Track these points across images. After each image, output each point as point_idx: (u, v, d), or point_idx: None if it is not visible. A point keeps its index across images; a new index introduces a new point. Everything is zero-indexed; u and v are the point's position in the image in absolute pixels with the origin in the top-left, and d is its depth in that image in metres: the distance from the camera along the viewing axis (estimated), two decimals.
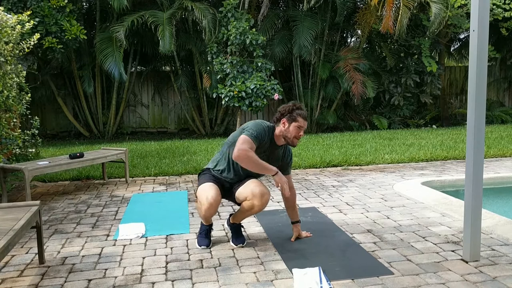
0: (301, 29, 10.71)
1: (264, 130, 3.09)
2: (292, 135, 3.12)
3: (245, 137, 3.03)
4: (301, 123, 3.14)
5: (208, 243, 3.31)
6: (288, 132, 3.12)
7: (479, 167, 2.84)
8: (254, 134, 3.04)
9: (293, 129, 3.12)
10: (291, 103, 3.21)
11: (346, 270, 2.82)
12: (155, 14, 10.06)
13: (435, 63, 11.59)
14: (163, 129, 12.73)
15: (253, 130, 3.05)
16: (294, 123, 3.12)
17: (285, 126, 3.13)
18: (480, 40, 2.73)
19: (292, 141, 3.14)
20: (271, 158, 3.19)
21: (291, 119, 3.12)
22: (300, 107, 3.19)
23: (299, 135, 3.14)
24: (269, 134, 3.14)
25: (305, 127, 3.17)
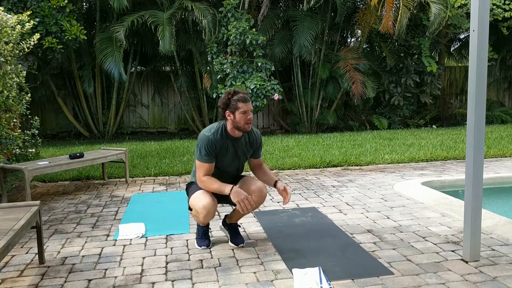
0: (301, 29, 10.71)
1: (210, 140, 3.05)
2: (242, 122, 3.05)
3: (197, 163, 3.10)
4: (244, 107, 3.03)
5: (208, 243, 3.31)
6: (237, 122, 3.06)
7: (479, 167, 2.84)
8: (202, 153, 3.05)
9: (239, 116, 3.04)
10: (225, 93, 3.12)
11: (346, 270, 2.82)
12: (155, 14, 10.06)
13: (435, 63, 11.59)
14: (163, 129, 12.73)
15: (200, 149, 3.06)
16: (237, 112, 3.04)
17: (232, 117, 3.07)
18: (480, 40, 2.73)
19: (244, 127, 3.07)
20: (239, 152, 3.20)
21: (233, 108, 3.05)
22: (235, 92, 3.09)
23: (248, 119, 3.05)
24: (221, 136, 3.10)
25: (250, 109, 3.06)
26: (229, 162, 3.19)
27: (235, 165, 3.22)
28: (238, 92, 3.09)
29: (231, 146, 3.15)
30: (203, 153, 3.06)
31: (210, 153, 3.06)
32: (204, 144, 3.06)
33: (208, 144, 3.05)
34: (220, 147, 3.09)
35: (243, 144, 3.21)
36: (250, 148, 3.26)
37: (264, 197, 3.21)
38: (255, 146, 3.28)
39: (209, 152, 3.06)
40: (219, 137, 3.09)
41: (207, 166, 3.08)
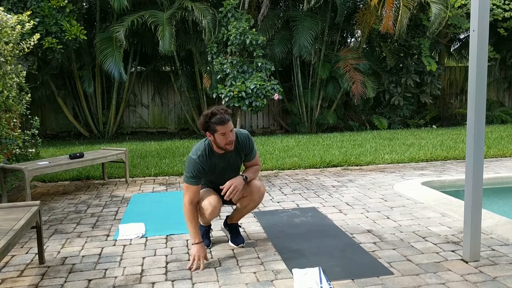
0: (301, 29, 10.71)
1: (197, 164, 2.99)
2: (222, 144, 2.96)
3: (184, 185, 3.06)
4: (222, 130, 2.91)
5: (208, 243, 3.32)
6: (218, 143, 2.98)
7: (479, 167, 2.84)
8: (188, 176, 3.01)
9: (219, 138, 2.95)
10: (203, 115, 2.99)
11: (346, 270, 2.82)
12: (155, 14, 10.06)
13: (435, 63, 11.59)
14: (163, 129, 12.73)
15: (187, 172, 3.01)
16: (216, 134, 2.94)
17: (212, 139, 2.99)
18: (480, 40, 2.73)
19: (226, 147, 2.99)
20: (230, 167, 3.14)
21: (212, 130, 2.94)
22: (212, 113, 2.94)
23: (229, 141, 2.95)
24: (208, 156, 3.04)
25: (229, 129, 2.93)
26: (221, 176, 3.13)
27: (229, 176, 3.13)
28: (215, 113, 2.93)
29: (220, 162, 3.10)
30: (190, 176, 3.00)
31: (198, 176, 3.01)
32: (192, 168, 3.00)
33: (195, 167, 2.99)
34: (208, 167, 3.05)
35: (233, 156, 3.14)
36: (241, 155, 3.19)
37: (262, 196, 3.22)
38: (245, 151, 3.19)
39: (196, 175, 3.00)
40: (206, 158, 3.03)
41: (194, 188, 3.02)
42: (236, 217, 3.38)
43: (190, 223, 3.03)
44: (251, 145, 3.20)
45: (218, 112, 2.93)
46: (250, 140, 3.19)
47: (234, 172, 3.18)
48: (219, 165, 3.10)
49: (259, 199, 3.21)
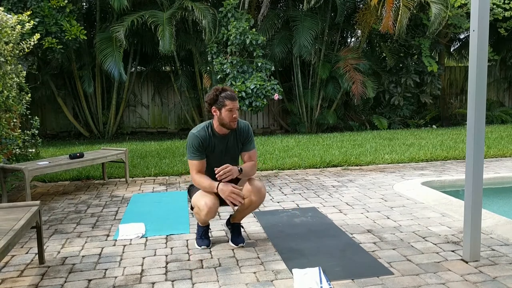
0: (301, 29, 10.71)
1: (196, 137, 3.10)
2: (227, 120, 3.07)
3: (188, 162, 3.18)
4: (230, 105, 3.05)
5: (208, 243, 3.32)
6: (223, 119, 3.08)
7: (479, 167, 2.84)
8: (191, 151, 3.12)
9: (225, 114, 3.06)
10: (214, 89, 3.13)
11: (346, 270, 2.82)
12: (155, 14, 10.06)
13: (435, 63, 11.59)
14: (163, 129, 12.73)
15: (189, 148, 3.13)
16: (223, 109, 3.06)
17: (217, 114, 3.09)
18: (480, 40, 2.73)
19: (230, 125, 3.09)
20: (228, 152, 3.22)
21: (220, 105, 3.07)
22: (223, 89, 3.11)
23: (234, 117, 3.07)
24: (208, 134, 3.14)
25: (236, 107, 3.08)
26: (219, 160, 3.19)
27: (226, 162, 3.16)
28: (225, 89, 3.10)
29: (219, 144, 3.17)
30: (192, 151, 3.12)
31: (199, 150, 3.11)
32: (191, 142, 3.11)
33: (194, 141, 3.10)
34: (207, 144, 3.13)
35: (231, 140, 3.22)
36: (239, 143, 3.26)
37: (263, 197, 3.22)
38: (244, 139, 3.26)
39: (197, 149, 3.11)
40: (205, 134, 3.13)
41: (197, 163, 3.13)
42: (238, 217, 3.39)
43: (204, 183, 3.11)
44: (250, 135, 3.28)
45: (228, 89, 3.11)
46: (250, 130, 3.29)
47: (232, 159, 3.24)
48: (218, 146, 3.17)
49: (260, 200, 3.21)
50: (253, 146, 3.32)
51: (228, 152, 3.22)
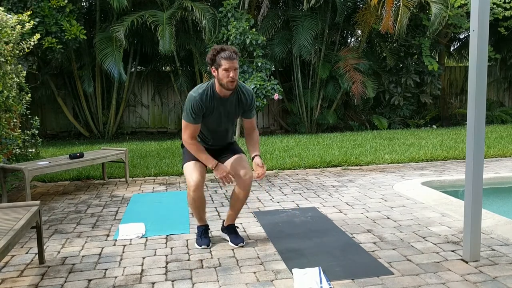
0: (301, 29, 10.71)
1: (196, 100, 3.05)
2: (224, 80, 3.01)
3: (183, 123, 3.12)
4: (226, 65, 2.98)
5: (208, 242, 3.31)
6: (220, 79, 3.03)
7: (479, 167, 2.83)
8: (188, 114, 3.07)
9: (222, 73, 3.00)
10: (212, 49, 3.08)
11: (346, 270, 2.82)
12: (155, 14, 10.05)
13: (436, 62, 11.59)
14: (163, 129, 12.73)
15: (187, 109, 3.08)
16: (220, 68, 3.01)
17: (216, 74, 3.05)
18: (480, 40, 2.73)
19: (227, 85, 3.02)
20: (227, 112, 3.17)
21: (217, 65, 3.03)
22: (222, 49, 3.03)
23: (231, 77, 2.99)
24: (208, 96, 3.08)
25: (234, 66, 3.00)
26: (217, 122, 3.18)
27: (224, 125, 3.19)
28: (224, 49, 3.03)
29: (219, 106, 3.12)
30: (189, 113, 3.06)
31: (196, 114, 3.06)
32: (191, 104, 3.05)
33: (194, 104, 3.04)
34: (207, 106, 3.08)
35: (233, 103, 3.17)
36: (240, 108, 3.22)
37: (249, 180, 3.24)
38: (245, 106, 3.23)
39: (195, 112, 3.06)
40: (206, 96, 3.07)
41: (193, 127, 3.10)
42: (231, 218, 3.41)
43: (200, 153, 3.14)
44: (253, 101, 3.26)
45: (227, 49, 3.02)
46: (253, 97, 3.26)
47: (229, 121, 3.22)
48: (217, 109, 3.13)
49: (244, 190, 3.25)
50: (254, 113, 3.34)
51: (227, 115, 3.18)
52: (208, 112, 3.11)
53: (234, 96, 3.16)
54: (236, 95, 3.17)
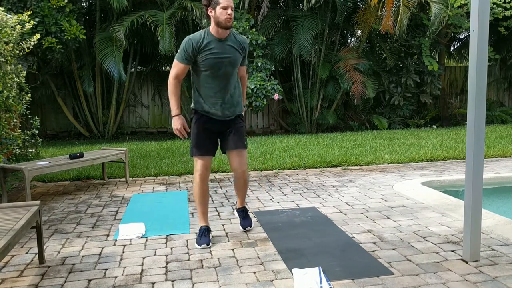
0: (301, 29, 10.71)
1: (189, 40, 3.20)
2: (222, 18, 3.14)
3: (174, 62, 3.30)
4: (225, 3, 3.14)
5: (208, 241, 3.32)
6: (217, 17, 3.15)
7: (479, 167, 2.84)
8: (182, 54, 3.22)
9: (220, 11, 3.14)
10: None
11: (346, 270, 2.82)
12: (155, 14, 10.06)
13: (436, 62, 11.59)
14: (163, 129, 12.73)
15: (179, 51, 3.23)
16: (217, 7, 3.14)
17: (213, 14, 3.17)
18: (480, 40, 2.73)
19: (225, 23, 3.15)
20: (226, 52, 3.25)
21: (214, 4, 3.16)
22: None
23: (228, 14, 3.14)
24: (202, 37, 3.21)
25: (231, 5, 3.15)
26: (216, 63, 3.23)
27: (225, 68, 3.25)
28: None
29: (216, 46, 3.22)
30: (180, 52, 3.21)
31: (186, 53, 3.19)
32: (184, 44, 3.20)
33: (187, 44, 3.19)
34: (201, 44, 3.19)
35: (230, 44, 3.27)
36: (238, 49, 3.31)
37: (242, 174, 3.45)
38: (242, 49, 3.35)
39: (185, 51, 3.19)
40: (200, 36, 3.20)
41: (182, 67, 3.25)
42: (239, 201, 3.72)
43: (172, 97, 3.28)
44: (247, 46, 3.41)
45: None
46: (247, 43, 3.41)
47: (232, 65, 3.29)
48: (215, 48, 3.22)
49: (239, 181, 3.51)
50: (247, 62, 3.59)
51: (225, 56, 3.24)
52: (205, 52, 3.20)
53: (229, 38, 3.28)
54: (232, 37, 3.30)
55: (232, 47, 3.28)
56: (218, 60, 3.22)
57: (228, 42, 3.26)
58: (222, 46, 3.23)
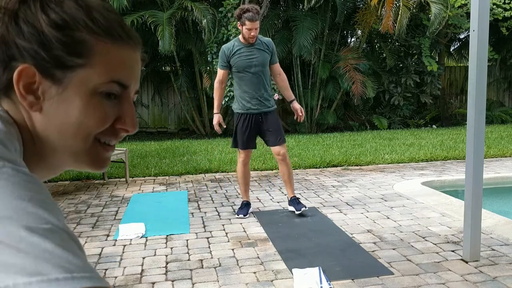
0: (301, 29, 10.71)
1: (222, 49, 3.90)
2: (246, 35, 3.76)
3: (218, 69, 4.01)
4: (248, 25, 3.71)
5: (246, 213, 4.01)
6: (244, 34, 3.78)
7: (479, 167, 2.84)
8: (219, 62, 3.94)
9: (245, 31, 3.76)
10: (239, 8, 3.81)
11: (346, 270, 2.82)
12: (155, 14, 10.05)
13: (435, 63, 11.59)
14: (163, 129, 12.73)
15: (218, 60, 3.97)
16: (243, 27, 3.75)
17: (241, 29, 3.79)
18: (480, 40, 2.73)
19: (248, 40, 3.79)
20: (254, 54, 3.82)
21: (242, 23, 3.76)
22: (247, 9, 3.72)
23: (251, 35, 3.74)
24: (233, 45, 3.84)
25: (255, 27, 3.71)
26: (247, 63, 3.80)
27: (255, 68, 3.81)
28: (249, 10, 3.70)
29: (245, 51, 3.82)
30: (219, 61, 3.93)
31: (223, 60, 3.87)
32: (220, 53, 3.91)
33: (221, 53, 3.90)
34: (232, 51, 3.82)
35: (256, 48, 3.83)
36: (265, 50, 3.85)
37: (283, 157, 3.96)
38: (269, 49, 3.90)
39: (222, 59, 3.88)
40: (231, 45, 3.86)
41: (222, 72, 3.94)
42: (288, 191, 4.12)
43: (214, 98, 4.07)
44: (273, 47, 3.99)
45: (251, 10, 3.72)
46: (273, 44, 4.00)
47: (261, 65, 3.85)
48: (244, 52, 3.83)
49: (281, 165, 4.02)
50: (277, 59, 4.07)
51: (255, 56, 3.80)
52: (237, 54, 3.82)
53: (256, 43, 3.85)
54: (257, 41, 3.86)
55: (259, 49, 3.85)
56: (248, 61, 3.81)
57: (255, 46, 3.84)
58: (250, 50, 3.83)
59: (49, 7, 0.52)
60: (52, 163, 0.58)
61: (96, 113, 0.54)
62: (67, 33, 0.52)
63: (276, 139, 3.96)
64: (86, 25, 0.53)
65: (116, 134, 0.59)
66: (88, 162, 0.58)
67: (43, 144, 0.55)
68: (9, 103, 0.54)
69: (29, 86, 0.52)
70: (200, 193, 5.07)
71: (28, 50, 0.51)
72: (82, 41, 0.52)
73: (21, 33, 0.51)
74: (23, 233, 0.38)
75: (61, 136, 0.54)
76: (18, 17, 0.51)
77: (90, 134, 0.55)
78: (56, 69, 0.52)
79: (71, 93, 0.53)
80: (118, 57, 0.55)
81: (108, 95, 0.55)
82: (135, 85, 0.61)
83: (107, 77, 0.54)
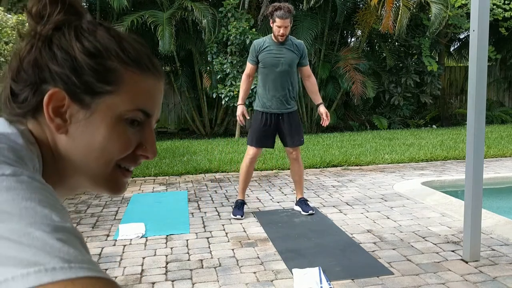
0: (301, 29, 10.70)
1: (253, 44, 3.96)
2: (276, 33, 3.80)
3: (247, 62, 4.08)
4: (278, 23, 3.74)
5: (242, 214, 3.96)
6: (273, 31, 3.84)
7: (479, 167, 2.84)
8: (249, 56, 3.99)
9: (275, 28, 3.80)
10: (271, 6, 3.82)
11: (346, 270, 2.82)
12: (155, 14, 10.05)
13: (435, 63, 11.59)
14: (163, 129, 12.72)
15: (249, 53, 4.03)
16: (274, 24, 3.79)
17: (272, 26, 3.84)
18: (480, 40, 2.73)
19: (277, 38, 3.82)
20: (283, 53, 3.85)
21: (272, 20, 3.80)
22: (278, 7, 3.74)
23: (280, 33, 3.77)
24: (264, 41, 3.90)
25: (285, 25, 3.73)
26: (275, 60, 3.84)
27: (282, 66, 3.84)
28: (280, 8, 3.73)
29: (274, 48, 3.86)
30: (249, 55, 3.98)
31: (252, 54, 3.92)
32: (251, 48, 3.97)
33: (252, 47, 3.95)
34: (261, 47, 3.87)
35: (286, 48, 3.86)
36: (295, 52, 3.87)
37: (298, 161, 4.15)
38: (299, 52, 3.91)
39: (251, 53, 3.93)
40: (262, 40, 3.93)
41: (250, 67, 3.99)
42: (298, 192, 4.19)
43: (240, 90, 4.14)
44: (304, 49, 4.00)
45: (283, 8, 3.75)
46: (304, 46, 4.02)
47: (288, 65, 3.87)
48: (273, 50, 3.87)
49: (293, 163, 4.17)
50: (307, 62, 4.06)
51: (283, 55, 3.84)
52: (266, 50, 3.86)
53: (287, 42, 3.88)
54: (288, 41, 3.89)
55: (289, 50, 3.88)
56: (275, 59, 3.85)
57: (285, 45, 3.88)
58: (280, 49, 3.86)
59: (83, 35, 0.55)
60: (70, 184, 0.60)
61: (120, 139, 0.57)
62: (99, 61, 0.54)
63: (293, 140, 4.05)
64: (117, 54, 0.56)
65: (136, 160, 0.61)
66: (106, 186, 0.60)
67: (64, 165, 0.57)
68: (35, 123, 0.56)
69: (58, 109, 0.54)
70: (200, 193, 5.07)
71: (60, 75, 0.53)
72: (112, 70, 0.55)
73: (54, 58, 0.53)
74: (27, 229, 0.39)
75: (84, 159, 0.56)
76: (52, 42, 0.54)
77: (112, 159, 0.57)
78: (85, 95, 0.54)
79: (97, 118, 0.55)
80: (144, 86, 0.59)
81: (132, 122, 0.57)
82: (157, 114, 0.63)
83: (133, 105, 0.57)
